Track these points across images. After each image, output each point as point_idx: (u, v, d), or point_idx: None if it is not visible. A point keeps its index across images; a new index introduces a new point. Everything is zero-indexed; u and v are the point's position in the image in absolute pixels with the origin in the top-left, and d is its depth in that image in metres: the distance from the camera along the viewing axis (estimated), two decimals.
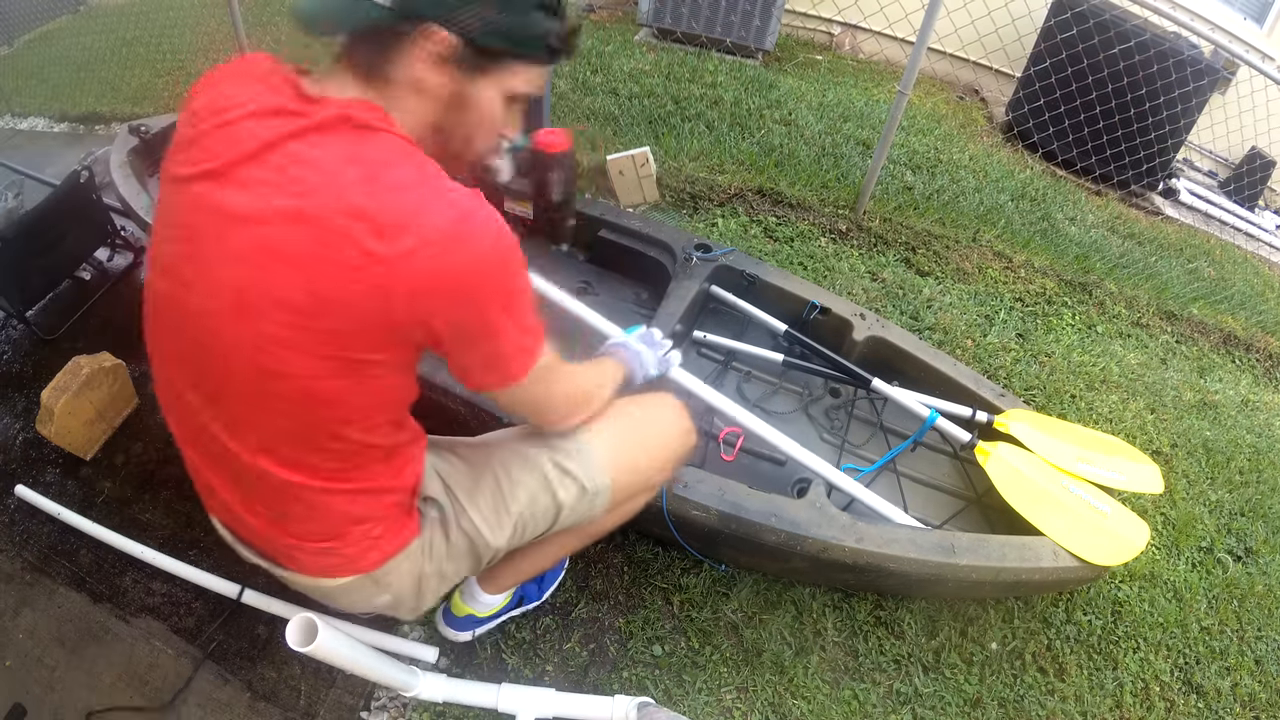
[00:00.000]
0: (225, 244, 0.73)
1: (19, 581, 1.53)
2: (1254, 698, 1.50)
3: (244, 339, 0.74)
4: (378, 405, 0.83)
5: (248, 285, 0.72)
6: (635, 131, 3.10)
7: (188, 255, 0.76)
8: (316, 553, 0.90)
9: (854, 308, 1.82)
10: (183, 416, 0.88)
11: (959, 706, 1.40)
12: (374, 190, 0.70)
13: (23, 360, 2.05)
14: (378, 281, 0.70)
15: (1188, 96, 3.51)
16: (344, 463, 0.85)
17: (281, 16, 4.53)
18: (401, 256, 0.69)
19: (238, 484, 0.88)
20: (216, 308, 0.74)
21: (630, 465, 1.09)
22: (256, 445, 0.82)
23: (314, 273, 0.70)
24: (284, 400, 0.78)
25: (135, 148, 2.27)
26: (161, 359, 0.86)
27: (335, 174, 0.70)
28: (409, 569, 0.97)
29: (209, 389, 0.82)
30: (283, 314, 0.72)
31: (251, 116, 0.74)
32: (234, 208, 0.72)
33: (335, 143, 0.72)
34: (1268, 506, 1.91)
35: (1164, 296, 2.74)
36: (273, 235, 0.71)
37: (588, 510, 1.07)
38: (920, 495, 1.67)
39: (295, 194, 0.70)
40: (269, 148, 0.72)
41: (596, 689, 1.36)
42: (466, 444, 1.08)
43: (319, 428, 0.81)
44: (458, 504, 1.00)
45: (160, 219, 0.80)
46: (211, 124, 0.75)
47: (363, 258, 0.69)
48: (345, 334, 0.73)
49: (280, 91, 0.75)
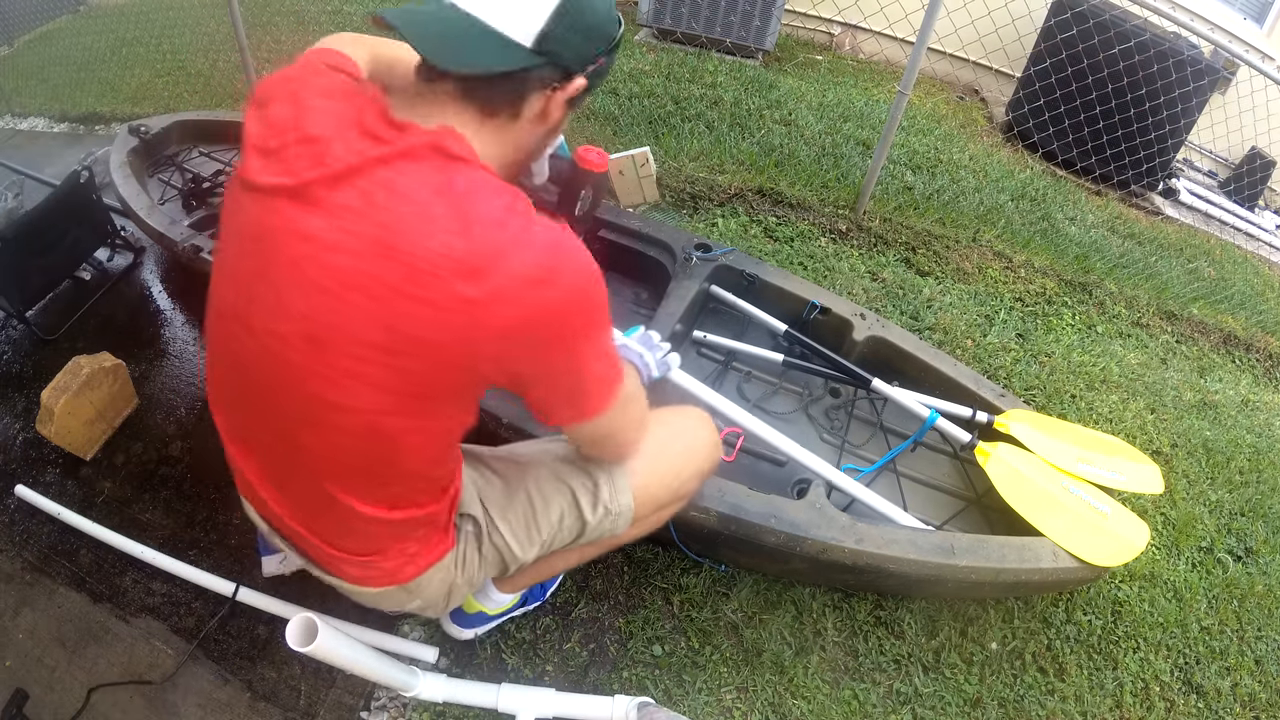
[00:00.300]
0: (301, 269, 0.70)
1: (19, 581, 1.53)
2: (1254, 698, 1.50)
3: (312, 368, 0.72)
4: (439, 442, 0.83)
5: (323, 315, 0.70)
6: (635, 131, 3.10)
7: (258, 272, 0.73)
8: (355, 564, 0.93)
9: (854, 308, 1.82)
10: (233, 418, 0.88)
11: (959, 706, 1.40)
12: (464, 227, 0.68)
13: (23, 360, 2.05)
14: (464, 324, 0.69)
15: (1188, 96, 3.51)
16: (394, 490, 0.86)
17: (282, 16, 4.53)
18: (489, 298, 0.68)
19: (283, 491, 0.89)
20: (285, 331, 0.72)
21: (658, 482, 1.11)
22: (309, 468, 0.82)
23: (398, 310, 0.68)
24: (345, 434, 0.76)
25: (135, 148, 2.28)
26: (218, 364, 0.86)
27: (425, 207, 0.68)
28: (441, 580, 1.00)
29: (266, 405, 0.80)
30: (358, 348, 0.70)
31: (338, 136, 0.71)
32: (314, 231, 0.69)
33: (424, 172, 0.70)
34: (1268, 506, 1.91)
35: (1164, 296, 2.74)
36: (355, 267, 0.68)
37: (610, 528, 1.10)
38: (920, 495, 1.67)
39: (382, 224, 0.68)
40: (355, 172, 0.69)
41: (596, 689, 1.36)
42: (502, 458, 1.09)
43: (377, 460, 0.80)
44: (491, 520, 1.02)
45: (230, 225, 0.78)
46: (294, 137, 0.72)
47: (450, 299, 0.67)
48: (422, 374, 0.72)
49: (367, 112, 0.73)
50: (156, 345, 2.08)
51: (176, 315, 2.20)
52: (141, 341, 2.08)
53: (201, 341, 2.08)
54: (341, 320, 0.70)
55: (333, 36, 0.96)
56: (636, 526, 1.15)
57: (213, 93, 3.64)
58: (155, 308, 2.23)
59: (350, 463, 0.80)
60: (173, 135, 2.45)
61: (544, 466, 1.06)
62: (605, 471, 1.06)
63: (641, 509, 1.11)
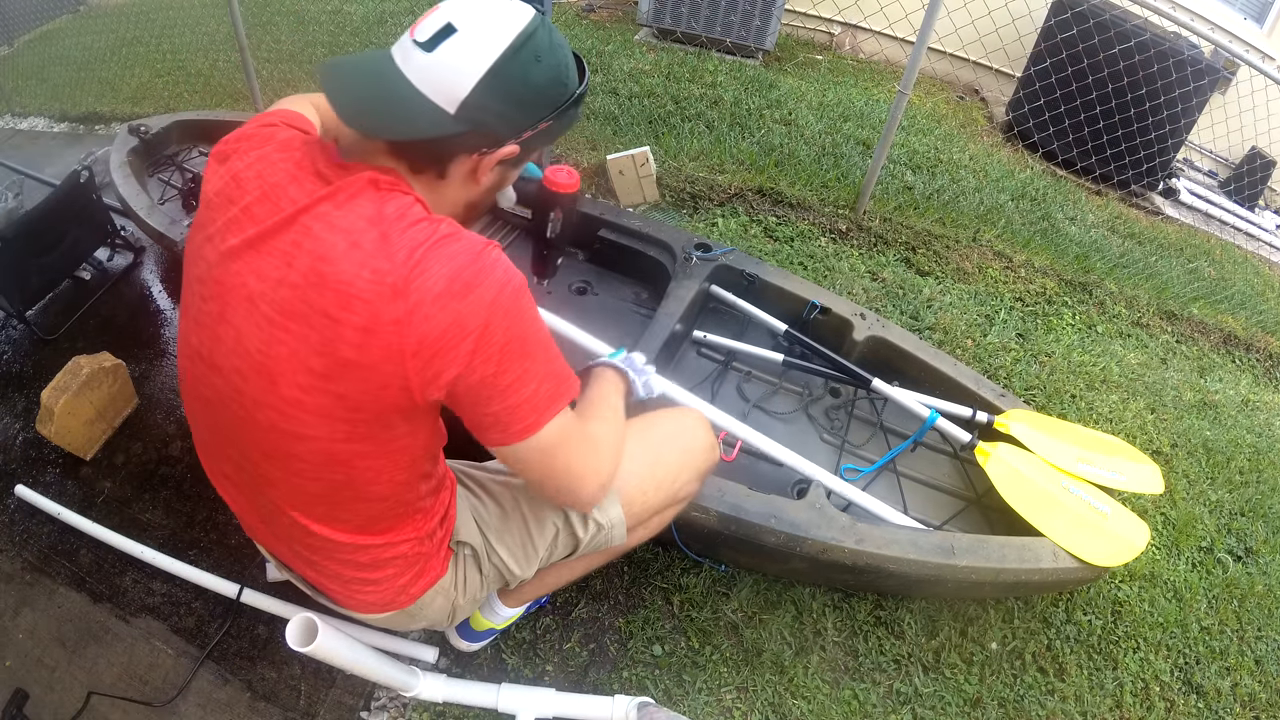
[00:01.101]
0: (255, 305, 0.73)
1: (19, 581, 1.53)
2: (1254, 698, 1.50)
3: (266, 400, 0.75)
4: (402, 464, 0.83)
5: (272, 347, 0.73)
6: (635, 131, 3.10)
7: (219, 314, 0.76)
8: (350, 594, 0.95)
9: (854, 307, 1.82)
10: (210, 459, 0.91)
11: (959, 706, 1.40)
12: (387, 250, 0.70)
13: (23, 360, 2.05)
14: (390, 343, 0.70)
15: (1188, 96, 3.51)
16: (363, 515, 0.86)
17: (282, 16, 4.53)
18: (408, 313, 0.70)
19: (271, 528, 0.92)
20: (244, 367, 0.75)
21: (653, 486, 1.11)
22: (286, 501, 0.84)
23: (331, 336, 0.71)
24: (306, 462, 0.79)
25: (135, 148, 2.27)
26: (193, 405, 0.88)
27: (355, 235, 0.71)
28: (442, 603, 1.03)
29: (234, 442, 0.83)
30: (302, 377, 0.73)
31: (293, 181, 0.75)
32: (267, 270, 0.73)
33: (360, 204, 0.73)
34: (1268, 506, 1.91)
35: (1164, 296, 2.74)
36: (295, 297, 0.71)
37: (605, 542, 1.11)
38: (920, 495, 1.67)
39: (317, 255, 0.71)
40: (305, 211, 0.73)
41: (596, 689, 1.36)
42: (496, 479, 1.10)
43: (343, 488, 0.81)
44: (489, 544, 1.04)
45: (192, 272, 0.81)
46: (255, 187, 0.76)
47: (377, 322, 0.70)
48: (359, 397, 0.73)
49: (319, 158, 0.77)
50: (156, 345, 2.08)
51: (176, 315, 2.20)
52: (141, 341, 2.08)
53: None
54: (286, 351, 0.72)
55: (286, 99, 1.01)
56: (638, 531, 1.16)
57: (213, 93, 3.64)
58: (155, 308, 2.23)
59: (314, 490, 0.82)
60: (173, 135, 2.45)
61: None
62: None
63: (638, 515, 1.12)
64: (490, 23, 0.74)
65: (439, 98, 0.73)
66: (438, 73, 0.73)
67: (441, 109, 0.74)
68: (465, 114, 0.74)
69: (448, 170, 0.80)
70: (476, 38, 0.73)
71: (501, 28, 0.74)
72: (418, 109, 0.73)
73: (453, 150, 0.78)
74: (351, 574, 0.92)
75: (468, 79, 0.73)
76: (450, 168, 0.80)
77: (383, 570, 0.93)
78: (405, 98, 0.73)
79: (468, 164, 0.80)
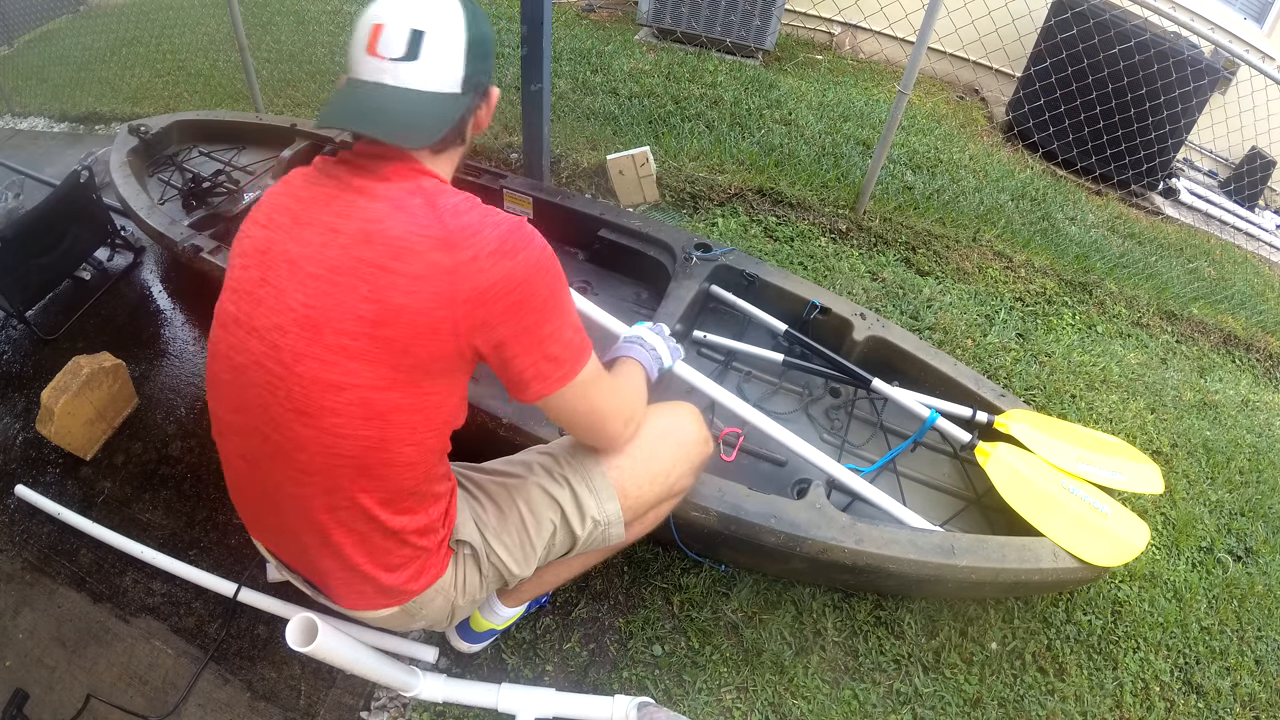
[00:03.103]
0: (299, 266, 0.81)
1: (19, 581, 1.53)
2: (1254, 698, 1.50)
3: (309, 351, 0.80)
4: (433, 425, 0.88)
5: (317, 299, 0.79)
6: (635, 131, 3.10)
7: (261, 279, 0.83)
8: (354, 593, 0.97)
9: (854, 307, 1.82)
10: (236, 441, 0.92)
11: (959, 706, 1.40)
12: (435, 214, 0.80)
13: (23, 360, 2.05)
14: (442, 289, 0.78)
15: (1188, 96, 3.51)
16: (396, 494, 0.90)
17: (282, 16, 4.53)
18: (463, 265, 0.78)
19: (284, 515, 0.92)
20: (285, 323, 0.81)
21: (648, 481, 1.12)
22: (313, 469, 0.85)
23: (383, 284, 0.78)
24: (342, 416, 0.82)
25: (135, 148, 2.28)
26: (221, 380, 0.89)
27: (400, 202, 0.80)
28: (441, 603, 1.04)
29: (268, 411, 0.85)
30: (349, 324, 0.78)
31: (327, 175, 0.86)
32: (309, 237, 0.81)
33: (396, 182, 0.83)
34: (1268, 506, 1.91)
35: (1164, 296, 2.74)
36: (344, 254, 0.79)
37: (602, 539, 1.12)
38: (920, 495, 1.67)
39: (366, 219, 0.79)
40: (344, 189, 0.83)
41: (596, 689, 1.36)
42: (494, 480, 1.11)
43: (376, 449, 0.85)
44: (488, 543, 1.05)
45: (236, 249, 0.90)
46: (303, 181, 0.88)
47: (429, 268, 0.78)
48: (407, 341, 0.79)
49: (343, 155, 0.88)
50: (156, 345, 2.08)
51: (176, 315, 2.20)
52: (141, 341, 2.08)
53: (201, 343, 2.09)
54: (334, 302, 0.79)
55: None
56: (635, 526, 1.17)
57: (213, 93, 3.64)
58: (155, 308, 2.23)
59: (346, 451, 0.84)
60: (173, 135, 2.45)
61: (534, 485, 1.09)
62: (588, 484, 1.08)
63: (634, 510, 1.12)
64: (439, 11, 0.83)
65: (446, 87, 0.85)
66: (435, 69, 0.84)
67: (452, 94, 0.85)
68: (469, 85, 0.87)
69: (466, 133, 0.92)
70: (444, 27, 0.83)
71: (450, 12, 0.84)
72: (440, 106, 0.84)
73: (466, 117, 0.89)
74: (360, 559, 0.92)
75: (459, 58, 0.85)
76: (468, 131, 0.92)
77: (390, 558, 0.94)
78: (426, 104, 0.83)
79: (473, 121, 0.92)
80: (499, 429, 1.41)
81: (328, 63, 3.80)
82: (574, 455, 1.11)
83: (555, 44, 3.89)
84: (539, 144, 2.31)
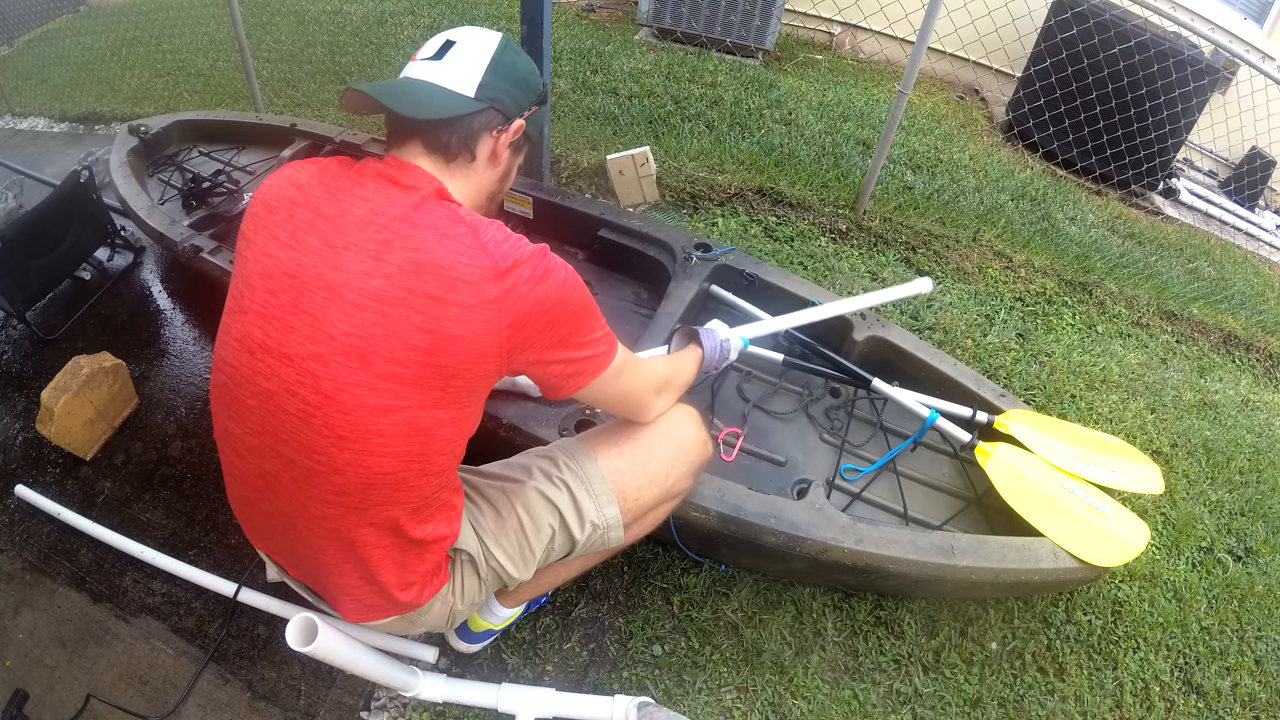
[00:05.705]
0: (338, 294, 0.82)
1: (19, 581, 1.53)
2: (1254, 698, 1.50)
3: (355, 380, 0.82)
4: (462, 433, 0.94)
5: (366, 330, 0.81)
6: (635, 131, 3.10)
7: (292, 305, 0.84)
8: (365, 607, 0.98)
9: None
10: (256, 462, 0.91)
11: (959, 706, 1.40)
12: (480, 245, 0.84)
13: (23, 360, 2.05)
14: (490, 316, 0.83)
15: (1188, 96, 3.51)
16: (424, 502, 0.92)
17: (282, 16, 4.53)
18: (507, 293, 0.84)
19: (302, 534, 0.93)
20: (325, 352, 0.82)
21: (647, 483, 1.13)
22: (348, 490, 0.87)
23: (436, 314, 0.81)
24: (386, 436, 0.84)
25: (135, 148, 2.28)
26: (244, 404, 0.88)
27: (445, 232, 0.84)
28: (440, 608, 1.05)
29: (298, 437, 0.85)
30: (402, 353, 0.81)
31: (356, 184, 0.88)
32: (346, 263, 0.82)
33: (435, 208, 0.86)
34: (1268, 506, 1.91)
35: (1164, 296, 2.74)
36: (390, 287, 0.81)
37: (601, 542, 1.13)
38: (920, 495, 1.67)
39: (412, 249, 0.82)
40: (379, 213, 0.85)
41: (596, 689, 1.36)
42: (492, 484, 1.12)
43: (414, 461, 0.88)
44: (486, 548, 1.06)
45: (256, 270, 0.87)
46: (322, 194, 0.88)
47: (480, 300, 0.82)
48: (459, 365, 0.84)
49: (369, 162, 0.91)
50: (156, 345, 2.08)
51: (176, 315, 2.20)
52: (141, 341, 2.08)
53: (202, 343, 2.08)
54: (385, 332, 0.81)
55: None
56: (635, 528, 1.17)
57: (213, 93, 3.64)
58: (155, 308, 2.23)
59: (383, 469, 0.86)
60: (173, 135, 2.45)
61: (532, 490, 1.09)
62: (587, 488, 1.09)
63: (633, 512, 1.13)
64: (478, 34, 0.95)
65: (459, 87, 0.91)
66: (453, 69, 0.91)
67: (464, 95, 0.91)
68: (483, 94, 0.91)
69: (476, 150, 0.94)
70: (473, 44, 0.94)
71: (486, 36, 0.95)
72: (449, 100, 0.90)
73: (477, 129, 0.93)
74: (384, 572, 0.94)
75: (478, 67, 0.92)
76: (478, 148, 0.94)
77: (407, 574, 0.96)
78: (433, 91, 0.90)
79: (489, 144, 0.95)
80: (499, 429, 1.41)
81: (328, 63, 3.80)
82: (573, 458, 1.12)
83: (555, 44, 3.89)
84: (539, 144, 2.31)
